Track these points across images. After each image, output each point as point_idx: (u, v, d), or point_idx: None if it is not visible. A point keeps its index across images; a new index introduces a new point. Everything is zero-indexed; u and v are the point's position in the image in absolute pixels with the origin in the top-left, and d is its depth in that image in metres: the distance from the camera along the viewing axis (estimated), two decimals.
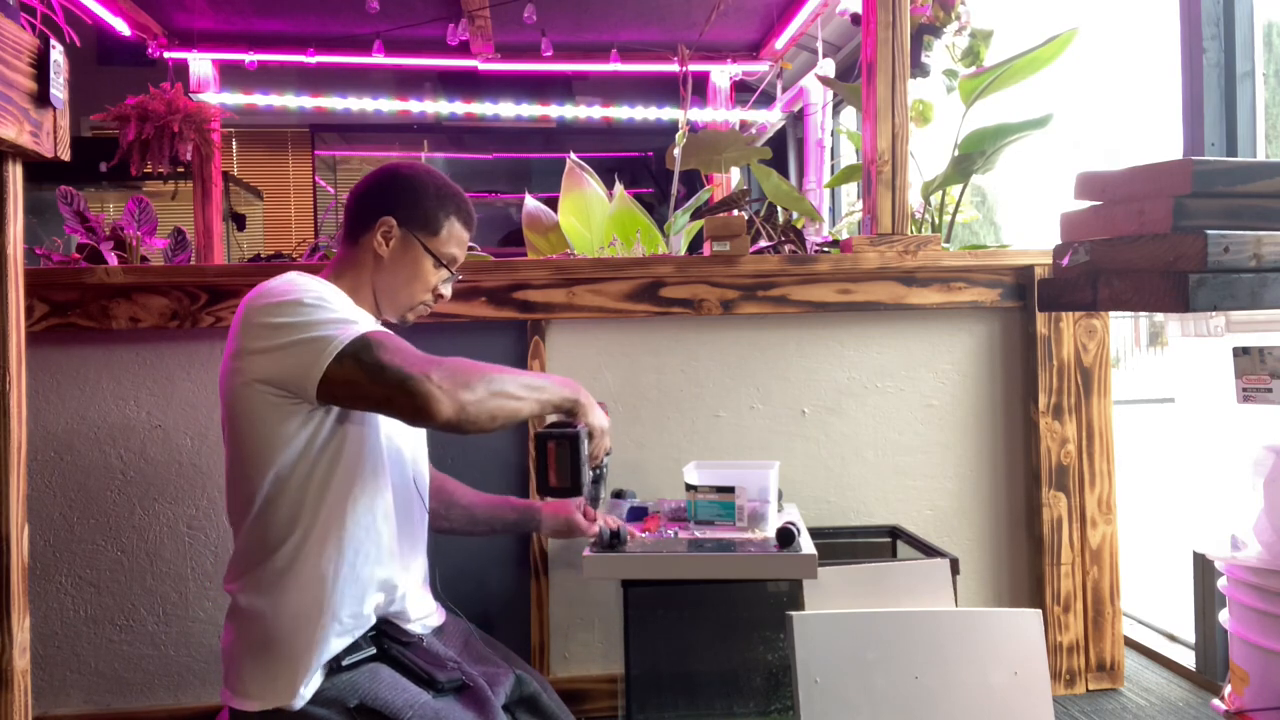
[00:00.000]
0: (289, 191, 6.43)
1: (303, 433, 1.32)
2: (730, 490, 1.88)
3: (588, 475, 1.48)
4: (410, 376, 1.23)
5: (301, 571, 1.33)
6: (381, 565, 1.39)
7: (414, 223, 1.49)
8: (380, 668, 1.36)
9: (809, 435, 2.35)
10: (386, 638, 1.40)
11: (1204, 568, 2.31)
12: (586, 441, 1.47)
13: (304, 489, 1.33)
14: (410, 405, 1.23)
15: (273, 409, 1.30)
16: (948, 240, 2.66)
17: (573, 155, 2.80)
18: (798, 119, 5.41)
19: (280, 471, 1.32)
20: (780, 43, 4.58)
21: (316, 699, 1.31)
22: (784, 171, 5.54)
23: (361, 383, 1.25)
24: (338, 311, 1.31)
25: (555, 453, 1.44)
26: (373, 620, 1.39)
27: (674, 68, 3.33)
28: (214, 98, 4.52)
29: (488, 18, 4.17)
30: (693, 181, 4.65)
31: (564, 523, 1.81)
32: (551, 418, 1.49)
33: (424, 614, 1.50)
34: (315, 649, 1.32)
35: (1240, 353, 1.60)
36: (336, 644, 1.34)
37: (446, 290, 1.56)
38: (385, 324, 1.52)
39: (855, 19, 3.15)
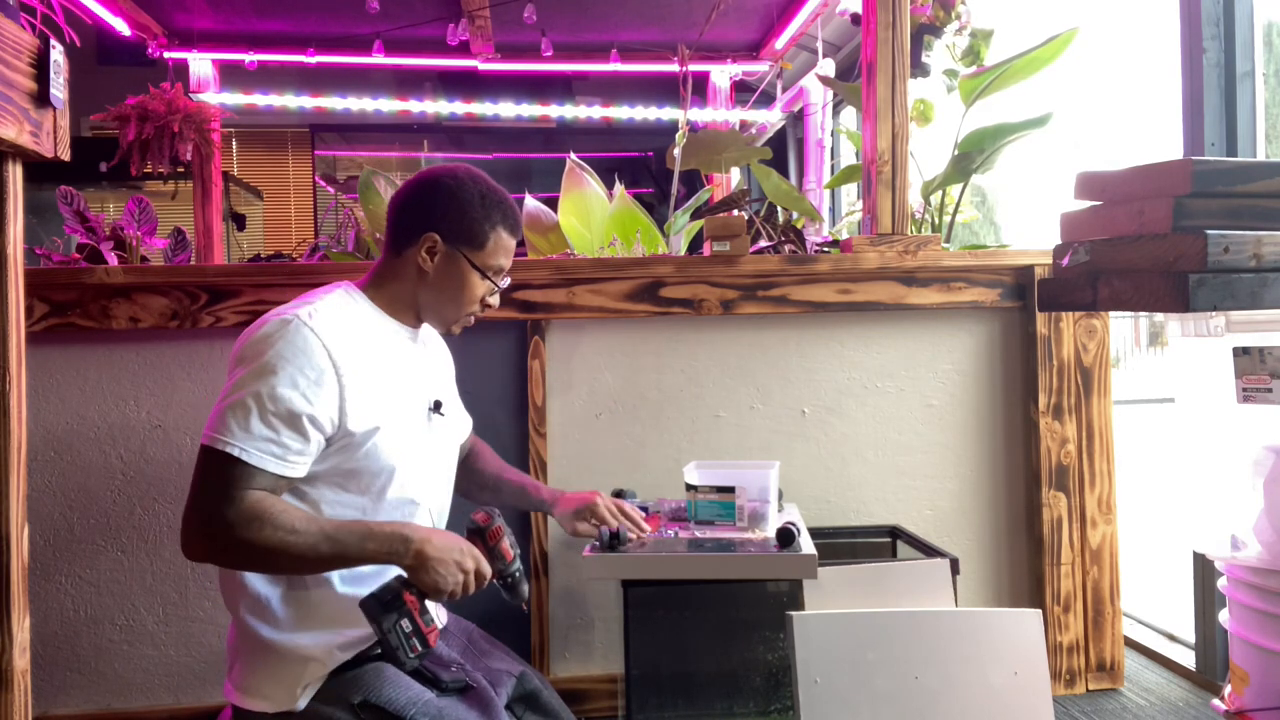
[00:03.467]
0: (289, 191, 6.44)
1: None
2: (730, 490, 1.88)
3: (406, 652, 1.26)
4: (190, 512, 1.25)
5: (299, 594, 1.34)
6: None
7: (459, 237, 1.44)
8: (384, 666, 1.36)
9: (809, 435, 2.35)
10: None
11: (1204, 568, 2.31)
12: (403, 620, 1.25)
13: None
14: (182, 532, 1.27)
15: None
16: (948, 240, 2.66)
17: (573, 155, 2.80)
18: (798, 119, 5.41)
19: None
20: (780, 43, 4.58)
21: (319, 696, 1.32)
22: (784, 171, 5.54)
23: (193, 483, 1.27)
24: (256, 412, 1.25)
25: (371, 627, 1.26)
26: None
27: (674, 68, 3.34)
28: (214, 98, 4.52)
29: (488, 18, 4.17)
30: (693, 181, 4.65)
31: (572, 524, 1.78)
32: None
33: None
34: (321, 659, 1.33)
35: (1240, 353, 1.60)
36: (341, 655, 1.35)
37: (494, 301, 1.52)
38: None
39: (855, 19, 3.15)
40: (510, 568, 1.41)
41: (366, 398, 1.34)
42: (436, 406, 1.50)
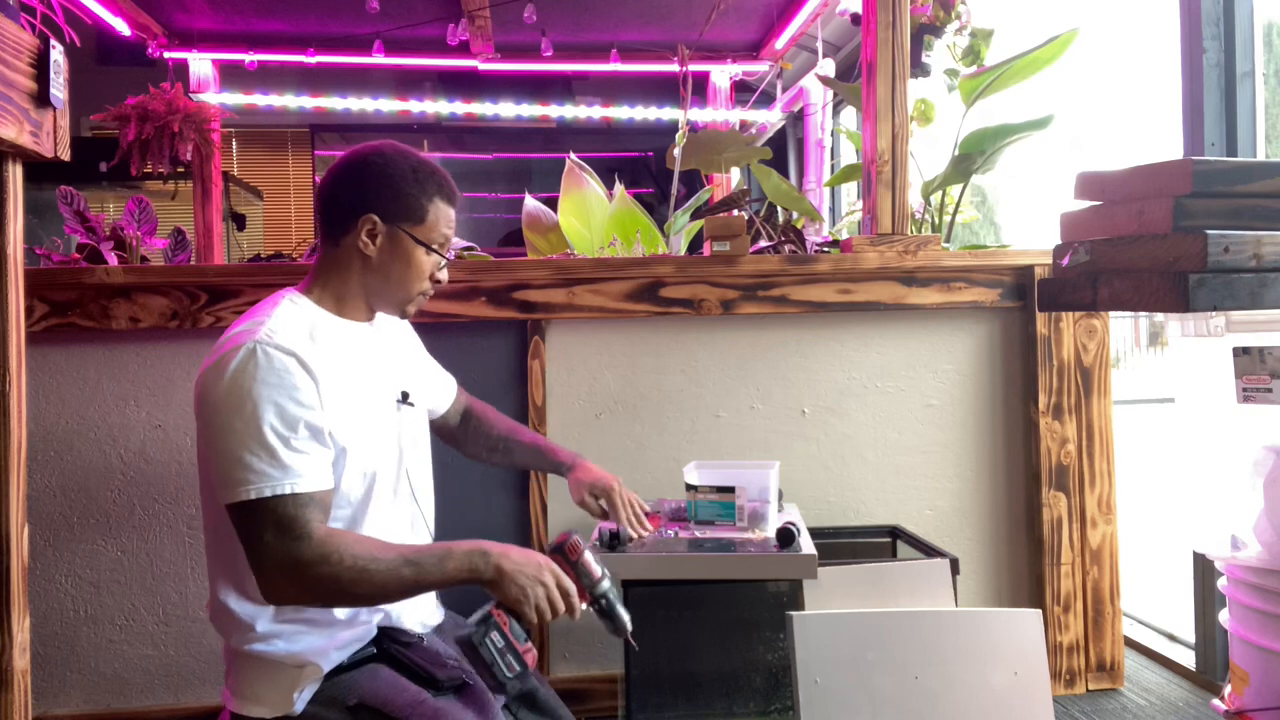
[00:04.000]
0: (289, 191, 6.44)
1: None
2: (730, 490, 1.88)
3: (503, 669, 1.25)
4: (261, 569, 1.22)
5: (286, 613, 1.33)
6: None
7: (398, 215, 1.38)
8: (380, 667, 1.36)
9: (809, 435, 2.35)
10: (386, 638, 1.40)
11: (1204, 568, 2.31)
12: (494, 635, 1.25)
13: None
14: (259, 584, 1.23)
15: None
16: (948, 240, 2.66)
17: (573, 155, 2.80)
18: (798, 119, 5.41)
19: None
20: (780, 43, 4.58)
21: (316, 699, 1.32)
22: (784, 171, 5.54)
23: (240, 536, 1.23)
24: (265, 442, 1.22)
25: (467, 655, 1.27)
26: (374, 633, 1.39)
27: (674, 68, 3.34)
28: (214, 98, 4.52)
29: (488, 18, 4.17)
30: (693, 181, 4.65)
31: (580, 493, 1.76)
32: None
33: (423, 613, 1.50)
34: (316, 665, 1.32)
35: (1240, 353, 1.60)
36: (337, 656, 1.35)
37: (444, 275, 1.47)
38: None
39: (855, 19, 3.15)
40: (599, 586, 1.33)
41: (340, 406, 1.32)
42: (404, 398, 1.48)
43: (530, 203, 2.88)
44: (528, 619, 1.27)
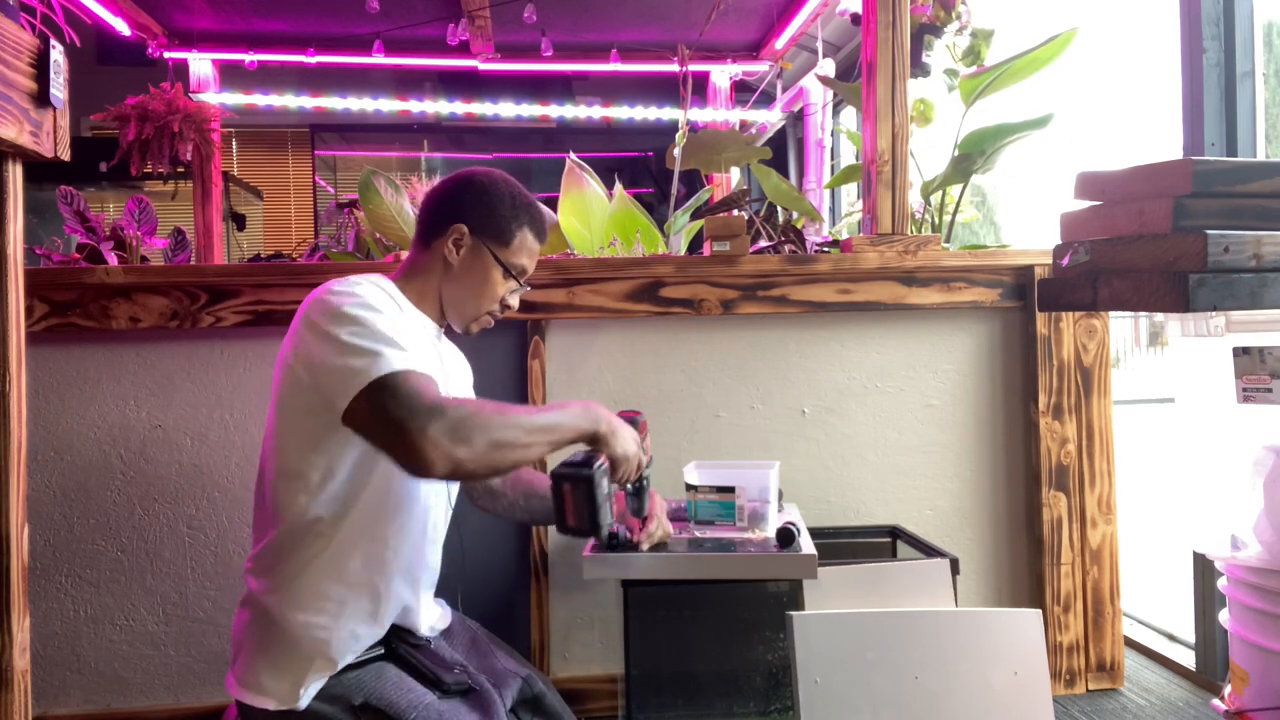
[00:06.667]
0: (289, 191, 6.44)
1: (341, 449, 1.31)
2: (730, 490, 1.88)
3: (606, 514, 1.36)
4: (406, 430, 1.16)
5: (320, 582, 1.33)
6: (401, 581, 1.39)
7: (486, 232, 1.46)
8: (386, 667, 1.36)
9: (809, 435, 2.35)
10: (396, 638, 1.40)
11: (1204, 568, 2.31)
12: (605, 480, 1.36)
13: (333, 502, 1.32)
14: (404, 460, 1.18)
15: (314, 415, 1.29)
16: (948, 240, 2.66)
17: (573, 155, 2.80)
18: (798, 119, 5.41)
19: (311, 482, 1.31)
20: (780, 43, 4.59)
21: (321, 695, 1.31)
22: (784, 171, 5.54)
23: (369, 425, 1.22)
24: (381, 334, 1.25)
25: (570, 494, 1.36)
26: (384, 633, 1.39)
27: (674, 68, 3.34)
28: (214, 98, 4.52)
29: (488, 18, 4.17)
30: (693, 181, 4.65)
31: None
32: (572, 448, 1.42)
33: (432, 618, 1.50)
34: (328, 657, 1.32)
35: (1240, 353, 1.60)
36: (348, 654, 1.35)
37: (514, 301, 1.53)
38: (448, 332, 1.54)
39: (855, 19, 3.15)
40: (648, 468, 1.50)
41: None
42: None
43: None
44: (616, 478, 1.39)
